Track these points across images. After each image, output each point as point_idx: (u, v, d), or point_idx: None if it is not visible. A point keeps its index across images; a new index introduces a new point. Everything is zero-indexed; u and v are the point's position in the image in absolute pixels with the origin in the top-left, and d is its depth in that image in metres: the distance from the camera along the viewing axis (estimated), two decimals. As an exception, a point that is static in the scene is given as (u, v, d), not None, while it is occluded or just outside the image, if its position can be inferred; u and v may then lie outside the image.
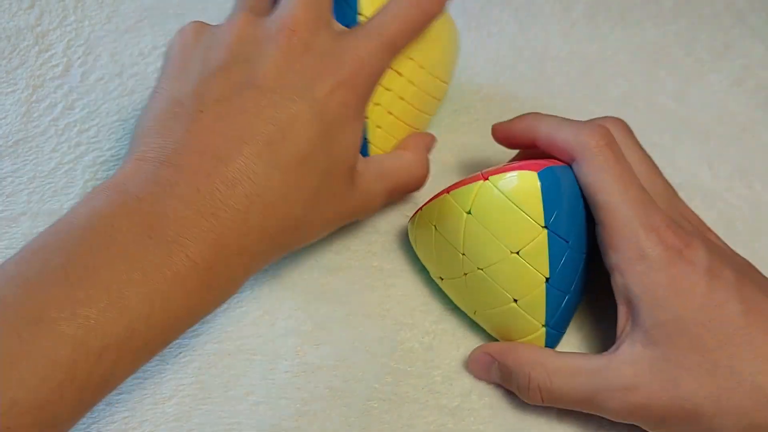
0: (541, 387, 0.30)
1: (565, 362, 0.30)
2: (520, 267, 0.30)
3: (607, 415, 0.30)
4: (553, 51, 0.46)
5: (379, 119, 0.34)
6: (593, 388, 0.29)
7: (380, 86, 0.33)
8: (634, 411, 0.29)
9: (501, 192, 0.30)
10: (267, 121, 0.28)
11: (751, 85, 0.46)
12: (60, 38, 0.42)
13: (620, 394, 0.29)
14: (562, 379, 0.30)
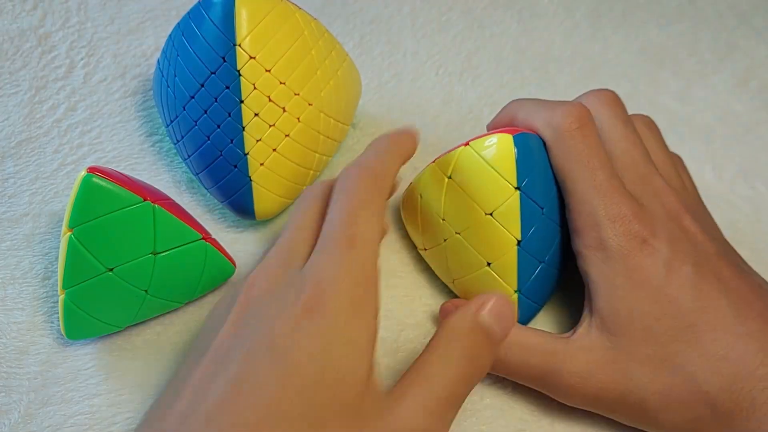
0: (497, 357, 0.30)
1: (524, 337, 0.30)
2: (494, 228, 0.31)
3: (557, 397, 0.30)
4: (556, 52, 0.46)
5: (262, 156, 0.34)
6: (547, 369, 0.29)
7: (263, 122, 0.33)
8: (585, 399, 0.29)
9: (478, 154, 0.31)
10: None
11: (754, 86, 0.45)
12: (63, 40, 0.42)
13: (573, 380, 0.29)
14: (517, 354, 0.30)
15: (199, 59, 0.33)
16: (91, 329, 0.32)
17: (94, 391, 0.32)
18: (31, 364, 0.32)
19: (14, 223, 0.36)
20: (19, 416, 0.31)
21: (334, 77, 0.35)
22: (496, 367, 0.30)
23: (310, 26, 0.35)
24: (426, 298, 0.35)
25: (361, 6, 0.47)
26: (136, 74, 0.42)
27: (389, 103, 0.42)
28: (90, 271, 0.30)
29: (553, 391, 0.30)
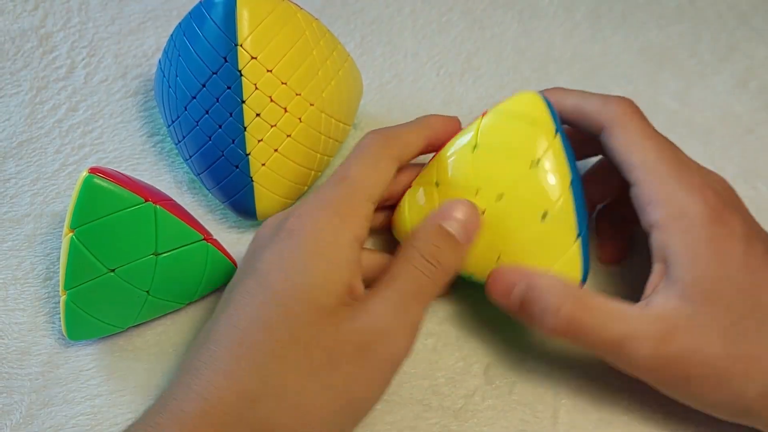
0: (571, 318, 0.29)
1: (602, 302, 0.29)
2: (542, 177, 0.30)
3: (628, 364, 0.29)
4: (556, 52, 0.46)
5: (264, 157, 0.34)
6: (624, 333, 0.28)
7: (265, 122, 0.33)
8: (660, 364, 0.28)
9: (506, 113, 0.30)
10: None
11: (754, 87, 0.45)
12: (64, 40, 0.42)
13: (651, 344, 0.28)
14: (595, 318, 0.29)
15: (201, 59, 0.33)
16: (93, 330, 0.32)
17: (95, 392, 0.32)
18: (32, 364, 0.32)
19: (16, 224, 0.36)
20: (20, 417, 0.31)
21: (335, 77, 0.35)
22: (570, 328, 0.29)
23: (312, 26, 0.35)
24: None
25: (362, 6, 0.47)
26: (138, 74, 0.42)
27: (390, 104, 0.42)
28: (91, 272, 0.30)
29: (629, 356, 0.28)
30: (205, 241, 0.32)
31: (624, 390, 0.33)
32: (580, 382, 0.33)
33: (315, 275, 0.27)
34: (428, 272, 0.28)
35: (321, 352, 0.26)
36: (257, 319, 0.26)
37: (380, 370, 0.27)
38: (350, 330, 0.26)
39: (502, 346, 0.34)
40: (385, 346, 0.26)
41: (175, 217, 0.31)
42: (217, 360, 0.26)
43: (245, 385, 0.25)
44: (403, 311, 0.27)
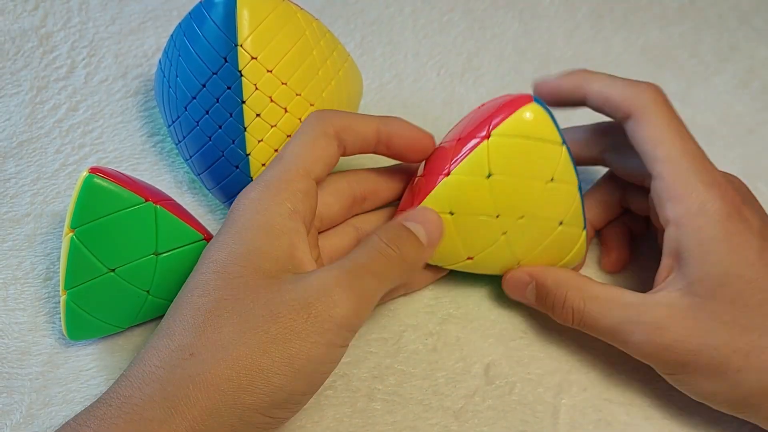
0: (575, 308, 0.31)
1: (601, 290, 0.31)
2: (557, 190, 0.31)
3: (629, 349, 0.30)
4: (557, 52, 0.46)
5: (264, 157, 0.34)
6: (622, 320, 0.30)
7: (265, 123, 0.33)
8: (658, 351, 0.29)
9: (513, 135, 0.30)
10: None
11: (756, 87, 0.45)
12: (64, 40, 0.42)
13: (648, 330, 0.29)
14: (595, 306, 0.30)
15: (201, 59, 0.33)
16: (93, 330, 0.32)
17: (95, 392, 0.32)
18: (32, 364, 0.32)
19: (16, 224, 0.36)
20: (20, 417, 0.31)
21: (335, 78, 0.35)
22: (576, 319, 0.31)
23: (312, 27, 0.35)
24: (427, 299, 0.35)
25: (363, 6, 0.47)
26: (138, 74, 0.42)
27: (390, 104, 0.42)
28: (92, 272, 0.30)
29: (628, 342, 0.30)
30: (206, 241, 0.32)
31: (624, 390, 0.33)
32: (581, 383, 0.33)
33: (251, 243, 0.28)
34: (385, 253, 0.28)
35: (261, 308, 0.26)
36: (196, 286, 0.27)
37: (321, 327, 0.26)
38: (291, 289, 0.26)
39: (502, 346, 0.34)
40: (325, 304, 0.26)
41: (175, 217, 0.31)
42: (160, 328, 0.27)
43: (181, 341, 0.26)
44: (350, 277, 0.27)
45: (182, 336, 0.26)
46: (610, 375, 0.33)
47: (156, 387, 0.25)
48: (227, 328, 0.26)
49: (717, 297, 0.28)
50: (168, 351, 0.26)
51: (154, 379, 0.25)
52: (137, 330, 0.33)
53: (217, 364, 0.25)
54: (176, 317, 0.27)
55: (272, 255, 0.27)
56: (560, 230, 0.32)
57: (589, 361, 0.34)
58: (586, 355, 0.34)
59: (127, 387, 0.25)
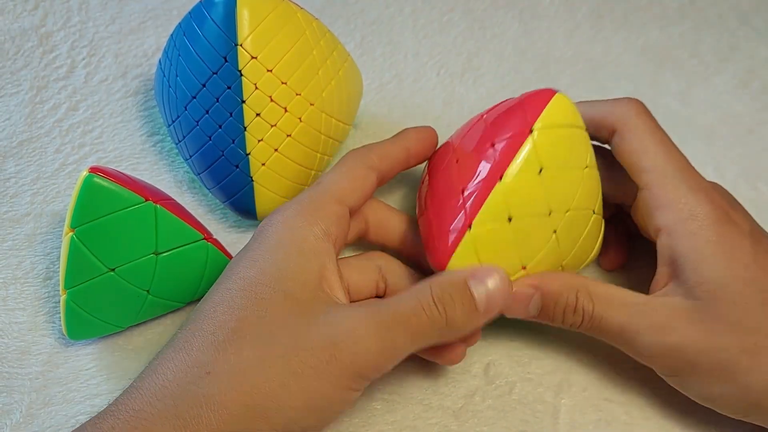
0: (585, 310, 0.30)
1: (607, 291, 0.30)
2: (591, 177, 0.31)
3: (636, 352, 0.30)
4: (558, 52, 0.46)
5: (264, 156, 0.34)
6: (628, 321, 0.29)
7: (265, 122, 0.33)
8: (666, 352, 0.29)
9: (555, 126, 0.30)
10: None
11: (756, 87, 0.45)
12: (64, 39, 0.42)
13: (654, 332, 0.29)
14: (602, 306, 0.30)
15: (201, 59, 0.33)
16: (93, 329, 0.32)
17: (95, 392, 0.32)
18: (32, 364, 0.32)
19: (16, 223, 0.36)
20: (20, 416, 0.31)
21: (335, 77, 0.35)
22: (585, 321, 0.30)
23: (312, 26, 0.35)
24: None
25: (363, 6, 0.47)
26: (138, 74, 0.42)
27: (390, 104, 0.42)
28: (92, 271, 0.30)
29: (635, 345, 0.29)
30: (205, 241, 0.32)
31: (624, 390, 0.33)
32: (581, 383, 0.33)
33: (282, 263, 0.27)
34: (429, 312, 0.26)
35: (285, 338, 0.25)
36: (220, 301, 0.27)
37: (342, 371, 0.25)
38: (320, 323, 0.26)
39: (502, 346, 0.34)
40: (350, 350, 0.25)
41: (175, 217, 0.31)
42: (178, 340, 0.26)
43: (198, 358, 0.25)
44: (382, 327, 0.26)
45: (200, 352, 0.25)
46: (610, 375, 0.33)
47: (168, 403, 0.24)
48: (248, 352, 0.25)
49: (718, 298, 0.28)
50: (184, 366, 0.25)
51: (167, 394, 0.25)
52: (137, 329, 0.33)
53: (234, 388, 0.24)
54: (196, 331, 0.26)
55: (302, 279, 0.27)
56: (594, 219, 0.31)
57: (589, 361, 0.34)
58: (586, 354, 0.34)
59: (137, 399, 0.25)
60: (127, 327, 0.33)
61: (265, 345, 0.25)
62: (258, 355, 0.25)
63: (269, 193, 0.35)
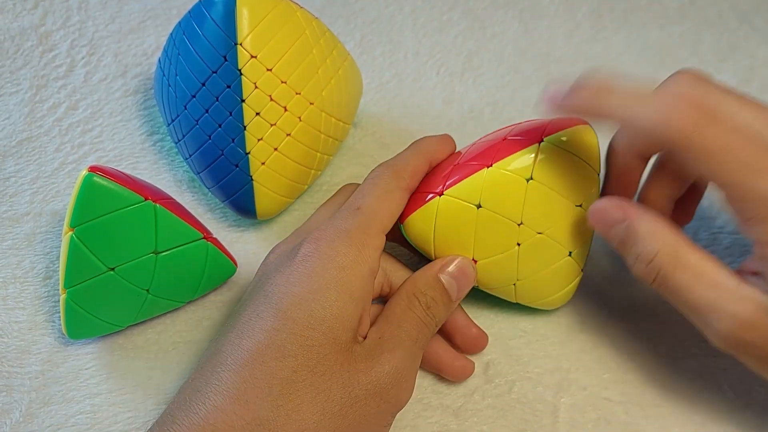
0: (661, 271, 0.27)
1: (699, 260, 0.27)
2: (581, 218, 0.30)
3: (709, 333, 0.27)
4: (558, 52, 0.46)
5: (264, 155, 0.34)
6: (712, 301, 0.26)
7: (265, 121, 0.33)
8: (739, 345, 0.27)
9: (564, 147, 0.30)
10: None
11: (756, 86, 0.45)
12: (64, 38, 0.42)
13: (735, 323, 0.26)
14: (685, 276, 0.27)
15: (201, 58, 0.33)
16: (93, 328, 0.32)
17: (95, 391, 0.32)
18: (32, 363, 0.32)
19: (15, 222, 0.36)
20: (20, 415, 0.31)
21: (335, 76, 0.35)
22: (658, 281, 0.27)
23: (312, 25, 0.35)
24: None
25: (362, 5, 0.46)
26: (137, 73, 0.42)
27: (390, 103, 0.42)
28: (91, 271, 0.30)
29: (704, 327, 0.27)
30: (205, 240, 0.32)
31: (623, 389, 0.33)
32: (580, 382, 0.33)
33: (333, 307, 0.26)
34: (427, 322, 0.29)
35: (339, 390, 0.26)
36: (270, 344, 0.25)
37: (391, 412, 0.28)
38: (366, 370, 0.27)
39: (501, 345, 0.34)
40: (398, 390, 0.27)
41: (174, 216, 0.31)
42: (224, 383, 0.25)
43: (256, 413, 0.24)
44: (411, 358, 0.28)
45: (258, 408, 0.24)
46: (609, 374, 0.33)
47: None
48: (306, 407, 0.25)
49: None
50: (242, 422, 0.24)
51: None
52: (137, 329, 0.33)
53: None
54: (247, 378, 0.25)
55: (350, 324, 0.27)
56: (566, 261, 0.31)
57: (589, 360, 0.34)
58: (585, 354, 0.34)
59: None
60: (126, 326, 0.33)
61: (322, 400, 0.25)
62: (317, 411, 0.25)
63: (269, 192, 0.35)
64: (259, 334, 0.26)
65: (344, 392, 0.26)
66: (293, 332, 0.26)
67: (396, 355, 0.27)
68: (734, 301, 0.26)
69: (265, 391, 0.24)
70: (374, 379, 0.26)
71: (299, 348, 0.25)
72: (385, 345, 0.28)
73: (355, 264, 0.27)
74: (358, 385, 0.26)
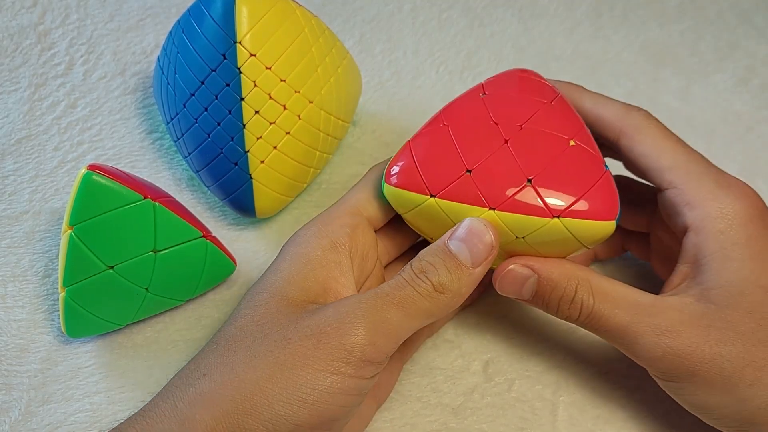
0: (584, 305, 0.28)
1: (612, 287, 0.28)
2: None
3: (634, 353, 0.28)
4: (557, 50, 0.46)
5: (263, 154, 0.34)
6: (632, 320, 0.27)
7: (264, 120, 0.33)
8: (666, 356, 0.27)
9: (571, 233, 0.27)
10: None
11: (755, 85, 0.45)
12: (62, 37, 0.42)
13: (658, 334, 0.27)
14: (604, 303, 0.28)
15: (200, 56, 0.33)
16: (92, 327, 0.32)
17: (94, 389, 0.32)
18: (31, 361, 0.32)
19: (14, 221, 0.36)
20: (19, 414, 0.31)
21: (334, 75, 0.35)
22: (583, 315, 0.28)
23: (311, 24, 0.35)
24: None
25: (362, 4, 0.46)
26: (136, 71, 0.41)
27: (389, 101, 0.42)
28: (90, 269, 0.30)
29: (635, 344, 0.28)
30: (204, 238, 0.32)
31: (622, 387, 0.33)
32: (579, 380, 0.33)
33: (285, 272, 0.28)
34: (413, 283, 0.26)
35: (275, 334, 0.26)
36: (231, 317, 0.28)
37: (330, 356, 0.25)
38: (308, 317, 0.26)
39: (501, 343, 0.34)
40: (337, 332, 0.25)
41: (174, 214, 0.31)
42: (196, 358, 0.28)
43: (198, 362, 0.27)
44: (368, 306, 0.26)
45: (202, 358, 0.27)
46: (608, 372, 0.34)
47: (169, 404, 0.26)
48: (241, 352, 0.26)
49: (734, 306, 0.27)
50: (187, 371, 0.27)
51: (169, 396, 0.26)
52: (136, 327, 0.33)
53: (224, 385, 0.25)
54: (207, 346, 0.28)
55: (302, 284, 0.28)
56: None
57: (588, 358, 0.34)
58: (584, 352, 0.34)
59: (148, 405, 0.27)
60: (126, 324, 0.33)
61: (256, 344, 0.26)
62: (249, 353, 0.26)
63: (268, 191, 0.35)
64: (231, 318, 0.28)
65: (279, 335, 0.26)
66: (249, 300, 0.28)
67: (346, 302, 0.26)
68: (654, 314, 0.27)
69: (212, 347, 0.27)
70: (313, 322, 0.26)
71: (249, 309, 0.27)
72: (348, 297, 0.27)
73: (314, 238, 0.29)
74: (296, 329, 0.26)
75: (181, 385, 0.26)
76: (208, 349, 0.27)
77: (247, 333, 0.27)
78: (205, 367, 0.26)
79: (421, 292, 0.26)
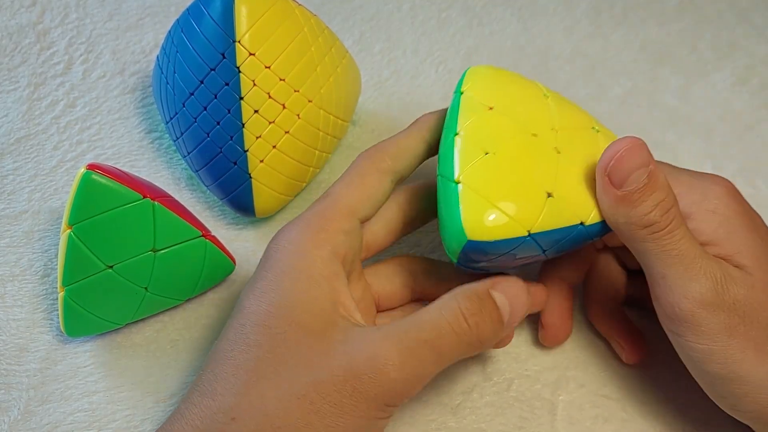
0: (675, 220, 0.26)
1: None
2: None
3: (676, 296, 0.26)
4: (556, 49, 0.46)
5: (262, 153, 0.33)
6: (697, 256, 0.26)
7: (263, 119, 0.33)
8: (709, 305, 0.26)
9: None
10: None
11: (754, 84, 0.45)
12: (62, 36, 0.42)
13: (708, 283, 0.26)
14: (682, 229, 0.26)
15: (199, 56, 0.33)
16: (91, 326, 0.32)
17: (93, 389, 0.32)
18: (30, 361, 0.32)
19: (13, 220, 0.36)
20: (18, 413, 0.31)
21: (333, 74, 0.35)
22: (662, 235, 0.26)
23: (310, 23, 0.35)
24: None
25: (361, 3, 0.46)
26: (136, 71, 0.41)
27: (389, 100, 0.42)
28: (90, 269, 0.30)
29: (681, 285, 0.26)
30: (204, 238, 0.32)
31: (621, 387, 0.33)
32: (578, 379, 0.33)
33: (291, 293, 0.26)
34: (459, 330, 0.25)
35: (305, 374, 0.25)
36: (237, 340, 0.26)
37: (367, 404, 0.24)
38: (338, 353, 0.25)
39: (500, 343, 0.34)
40: (373, 380, 0.24)
41: (173, 214, 0.31)
42: (200, 383, 0.26)
43: (222, 402, 0.25)
44: (408, 353, 0.25)
45: (224, 396, 0.25)
46: (607, 371, 0.34)
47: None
48: (270, 393, 0.24)
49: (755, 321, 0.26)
50: (210, 412, 0.25)
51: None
52: (135, 327, 0.33)
53: (259, 431, 0.24)
54: (217, 373, 0.25)
55: (315, 308, 0.26)
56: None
57: (587, 358, 0.34)
58: (583, 351, 0.34)
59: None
60: (125, 324, 0.33)
61: (286, 384, 0.24)
62: (280, 395, 0.24)
63: (267, 190, 0.35)
64: (230, 333, 0.26)
65: (310, 375, 0.24)
66: (256, 323, 0.26)
67: (383, 343, 0.25)
68: (708, 260, 0.26)
69: (231, 381, 0.25)
70: (346, 362, 0.24)
71: (263, 337, 0.25)
72: (376, 331, 0.25)
73: (314, 247, 0.27)
74: (328, 369, 0.24)
75: (206, 428, 0.24)
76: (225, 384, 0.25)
77: (270, 369, 0.25)
78: (232, 410, 0.24)
79: (463, 338, 0.25)
